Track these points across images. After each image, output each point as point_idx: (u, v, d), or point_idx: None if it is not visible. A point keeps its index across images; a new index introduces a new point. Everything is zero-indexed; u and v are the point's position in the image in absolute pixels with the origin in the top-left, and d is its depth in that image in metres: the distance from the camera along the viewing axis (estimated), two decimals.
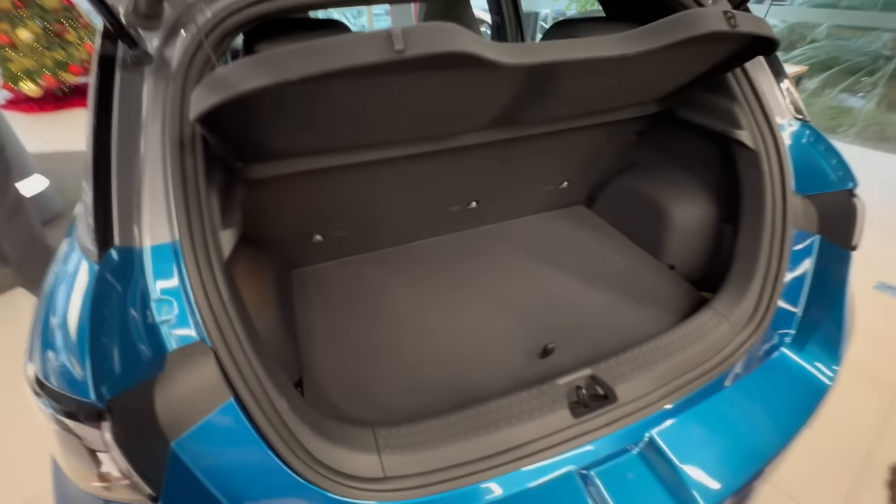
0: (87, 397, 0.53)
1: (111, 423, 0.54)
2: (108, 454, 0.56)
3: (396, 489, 0.72)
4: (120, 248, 0.61)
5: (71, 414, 0.55)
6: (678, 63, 0.94)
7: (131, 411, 0.56)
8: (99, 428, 0.55)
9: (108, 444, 0.55)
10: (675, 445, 0.83)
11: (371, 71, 0.57)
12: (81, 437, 0.56)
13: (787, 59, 8.90)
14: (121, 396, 0.55)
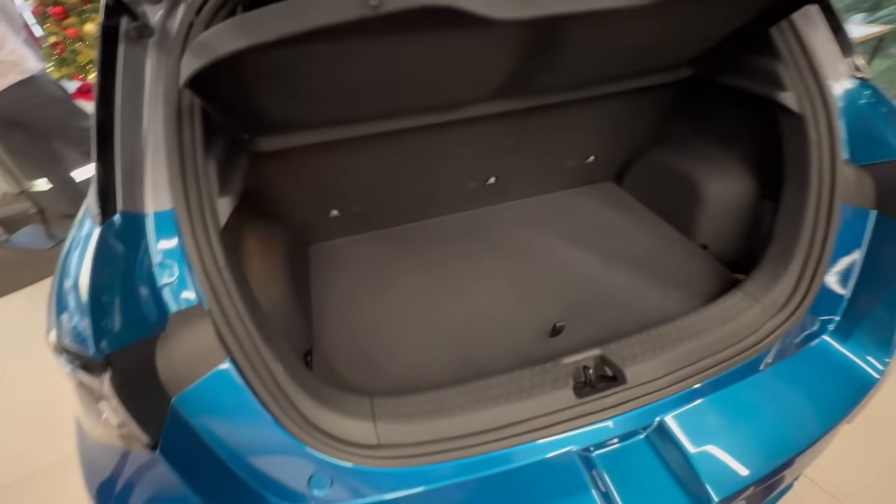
0: (88, 351, 0.57)
1: (110, 375, 0.58)
2: (107, 403, 0.60)
3: (389, 456, 0.73)
4: (124, 213, 0.64)
5: (78, 368, 0.60)
6: (705, 16, 0.84)
7: (132, 365, 0.59)
8: (100, 379, 0.59)
9: (107, 395, 0.59)
10: (688, 432, 0.78)
11: (351, 32, 0.55)
12: (89, 389, 0.61)
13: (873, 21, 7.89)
14: (121, 351, 0.59)
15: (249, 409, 0.66)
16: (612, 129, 1.34)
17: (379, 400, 0.79)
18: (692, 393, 0.82)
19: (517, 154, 1.29)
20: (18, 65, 2.26)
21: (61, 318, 0.61)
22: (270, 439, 0.68)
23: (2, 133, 2.44)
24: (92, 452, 0.67)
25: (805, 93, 0.91)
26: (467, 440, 0.75)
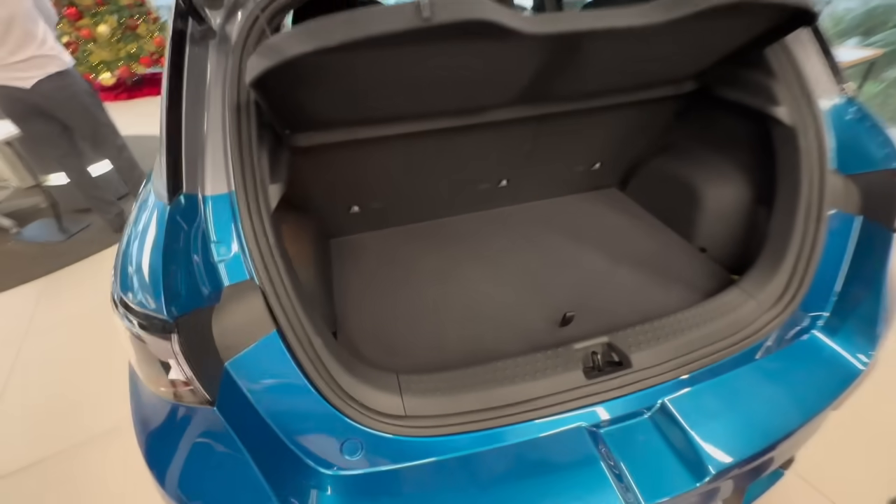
0: (160, 313, 0.64)
1: (178, 337, 0.65)
2: (175, 362, 0.66)
3: (415, 426, 0.79)
4: (187, 195, 0.71)
5: (147, 328, 0.66)
6: (711, 36, 0.93)
7: (193, 330, 0.66)
8: (169, 340, 0.65)
9: (176, 354, 0.65)
10: (688, 413, 0.85)
11: (402, 39, 0.63)
12: (155, 348, 0.67)
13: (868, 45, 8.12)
14: (185, 316, 0.65)
15: (291, 376, 0.73)
16: (619, 137, 1.43)
17: (404, 376, 0.85)
18: (692, 378, 0.89)
19: (529, 158, 1.38)
20: (57, 58, 2.41)
21: (132, 284, 0.67)
22: (309, 405, 0.74)
23: (32, 122, 2.52)
24: (148, 407, 0.73)
25: (796, 107, 1.00)
26: (486, 414, 0.82)
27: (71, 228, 3.13)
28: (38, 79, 2.35)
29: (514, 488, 0.77)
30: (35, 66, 2.34)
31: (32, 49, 2.31)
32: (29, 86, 2.35)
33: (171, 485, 0.69)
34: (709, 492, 0.84)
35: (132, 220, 0.77)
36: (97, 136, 2.73)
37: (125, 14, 5.77)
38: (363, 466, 0.77)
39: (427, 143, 1.17)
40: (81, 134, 2.70)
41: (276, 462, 0.72)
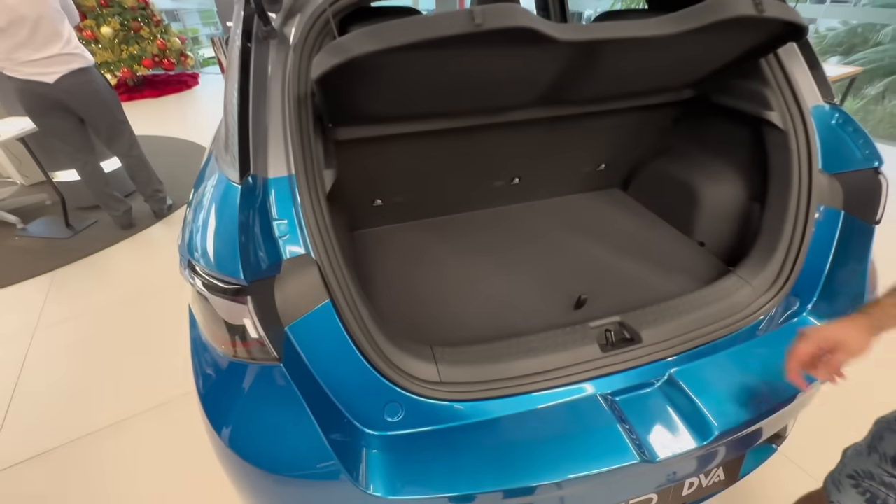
0: (238, 277, 0.71)
1: (252, 300, 0.72)
2: (250, 321, 0.74)
3: (449, 391, 0.87)
4: (253, 176, 0.79)
5: (225, 292, 0.74)
6: (713, 47, 1.04)
7: (261, 295, 0.73)
8: (245, 303, 0.73)
9: (252, 314, 0.73)
10: (692, 384, 0.94)
11: (454, 42, 0.72)
12: (229, 311, 0.74)
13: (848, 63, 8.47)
14: (255, 283, 0.73)
15: (341, 341, 0.80)
16: (622, 140, 1.54)
17: (437, 348, 0.94)
18: (696, 353, 0.99)
19: (540, 158, 1.48)
20: (80, 56, 2.51)
21: (209, 254, 0.74)
22: (356, 369, 0.81)
23: (51, 117, 2.58)
24: (215, 368, 0.80)
25: (788, 112, 1.11)
26: (512, 382, 0.90)
27: (77, 225, 3.16)
28: (62, 74, 2.43)
29: (540, 447, 0.85)
30: (59, 62, 2.42)
31: (58, 47, 2.39)
32: (52, 81, 2.42)
33: (232, 435, 0.76)
34: (711, 453, 0.93)
35: (199, 199, 0.84)
36: (112, 132, 2.80)
37: (128, 16, 5.83)
38: (402, 427, 0.84)
39: (450, 141, 1.26)
40: (97, 129, 2.76)
41: (327, 419, 0.79)
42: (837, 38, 9.03)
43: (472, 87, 1.00)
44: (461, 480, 0.80)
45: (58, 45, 2.39)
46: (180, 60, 6.64)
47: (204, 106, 6.23)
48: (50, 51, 2.37)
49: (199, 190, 0.86)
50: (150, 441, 1.68)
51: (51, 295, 2.54)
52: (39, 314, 2.38)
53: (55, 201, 3.17)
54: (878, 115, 8.40)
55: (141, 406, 1.81)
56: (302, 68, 0.86)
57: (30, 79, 2.39)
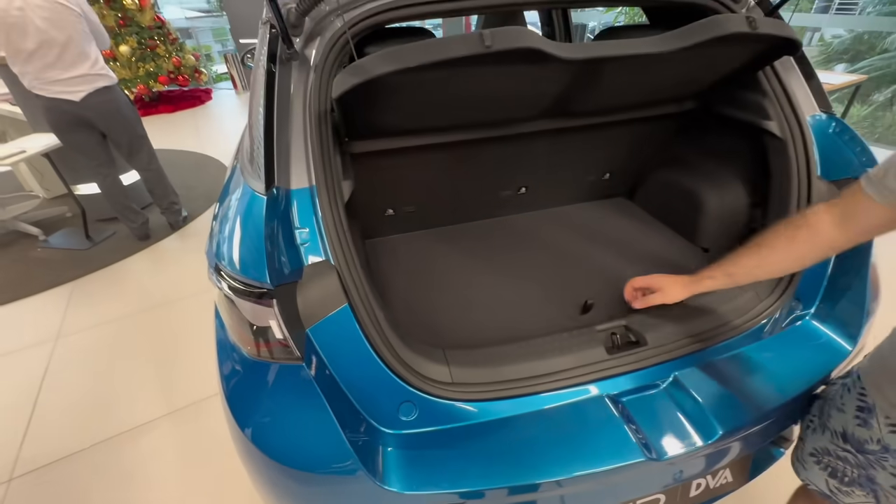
0: (264, 281, 0.76)
1: (277, 302, 0.77)
2: (276, 322, 0.78)
3: (461, 392, 0.91)
4: (277, 188, 0.85)
5: (251, 295, 0.79)
6: (711, 61, 1.09)
7: (285, 298, 0.78)
8: (271, 305, 0.78)
9: (277, 315, 0.77)
10: (697, 385, 0.96)
11: (465, 63, 0.77)
12: (255, 314, 0.79)
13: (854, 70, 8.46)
14: (280, 287, 0.78)
15: (359, 343, 0.85)
16: (626, 150, 1.58)
17: (449, 350, 0.98)
18: (700, 356, 1.02)
19: (547, 168, 1.52)
20: (106, 75, 2.65)
21: (236, 260, 0.80)
22: (372, 369, 0.86)
23: (75, 133, 2.70)
24: (240, 364, 0.85)
25: (786, 122, 1.15)
26: (521, 383, 0.94)
27: (96, 237, 3.26)
28: (87, 92, 2.56)
29: (548, 445, 0.88)
30: (85, 81, 2.55)
31: (85, 68, 2.53)
32: (78, 99, 2.55)
33: (255, 433, 0.81)
34: (716, 453, 0.96)
35: (226, 208, 0.90)
36: (133, 147, 2.91)
37: (145, 35, 6.04)
38: (417, 426, 0.88)
39: (459, 153, 1.31)
40: (118, 144, 2.88)
41: (346, 418, 0.83)
42: (843, 45, 9.04)
43: (481, 103, 1.05)
44: (472, 477, 0.83)
45: (85, 65, 2.52)
46: (194, 77, 6.84)
47: (217, 120, 6.40)
48: (77, 71, 2.50)
49: (226, 201, 0.92)
50: (167, 445, 1.72)
51: (72, 304, 2.62)
52: (61, 323, 2.46)
53: (75, 214, 3.28)
54: (887, 122, 8.37)
55: (158, 412, 1.86)
56: (322, 87, 0.92)
57: (56, 97, 2.51)
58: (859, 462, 0.83)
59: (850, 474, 0.85)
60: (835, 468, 0.88)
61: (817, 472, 0.92)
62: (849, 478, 0.85)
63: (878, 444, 0.79)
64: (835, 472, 0.88)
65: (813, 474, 0.93)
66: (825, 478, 0.90)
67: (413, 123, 1.11)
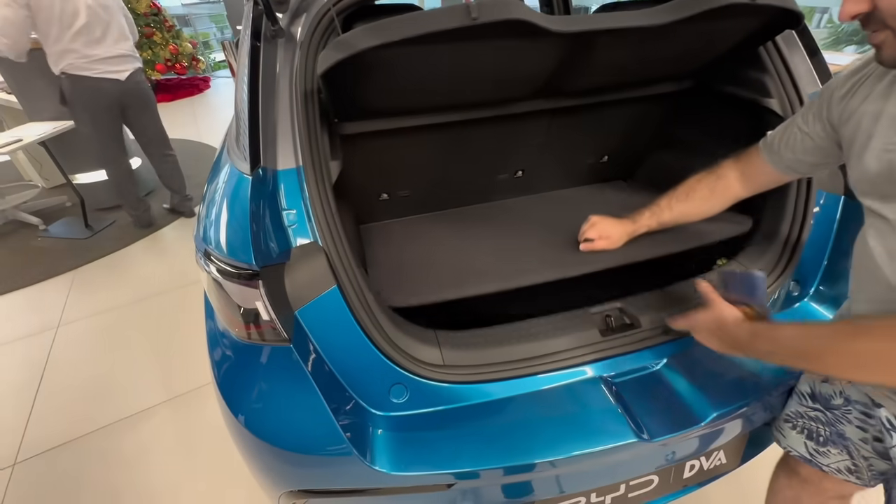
0: (249, 262, 0.75)
1: (263, 283, 0.77)
2: (262, 304, 0.78)
3: (453, 374, 0.90)
4: (264, 168, 0.83)
5: (237, 276, 0.78)
6: (709, 36, 1.05)
7: (272, 280, 0.78)
8: (256, 287, 0.77)
9: (263, 297, 0.77)
10: (690, 367, 0.96)
11: (453, 36, 0.75)
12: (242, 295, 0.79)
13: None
14: (266, 268, 0.77)
15: (348, 325, 0.84)
16: (624, 131, 1.55)
17: (441, 332, 0.97)
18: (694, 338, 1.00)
19: (543, 150, 1.50)
20: (138, 57, 2.74)
21: (222, 241, 0.79)
22: (362, 351, 0.85)
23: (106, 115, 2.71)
24: (228, 350, 0.85)
25: (787, 99, 1.12)
26: (514, 365, 0.93)
27: (96, 226, 3.26)
28: (130, 72, 2.62)
29: (542, 427, 0.88)
30: (128, 61, 2.62)
31: (127, 46, 2.61)
32: (123, 78, 2.60)
33: (246, 415, 0.81)
34: (708, 435, 0.95)
35: (212, 191, 0.89)
36: (156, 133, 2.99)
37: (142, 22, 5.96)
38: (408, 408, 0.88)
39: (453, 134, 1.29)
40: (143, 129, 2.94)
41: (336, 400, 0.83)
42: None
43: (473, 81, 1.03)
44: (464, 458, 0.83)
45: (127, 44, 2.61)
46: (192, 65, 6.77)
47: (215, 109, 6.36)
48: (121, 48, 2.57)
49: (213, 183, 0.91)
50: (167, 431, 1.74)
51: (72, 293, 2.64)
52: (62, 311, 2.48)
53: (75, 203, 3.28)
54: None
55: (158, 398, 1.88)
56: (308, 65, 0.90)
57: (103, 76, 2.53)
58: (829, 419, 0.86)
59: (823, 433, 0.87)
60: (810, 430, 0.90)
61: (795, 436, 0.94)
62: (823, 437, 0.87)
63: (842, 398, 0.83)
64: (811, 433, 0.90)
65: (792, 439, 0.95)
66: (803, 441, 0.92)
67: (404, 103, 1.09)
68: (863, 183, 0.68)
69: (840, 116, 0.73)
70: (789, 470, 1.04)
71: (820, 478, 0.94)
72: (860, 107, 0.68)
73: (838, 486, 0.94)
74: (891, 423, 0.72)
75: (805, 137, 0.82)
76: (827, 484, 0.95)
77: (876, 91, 0.66)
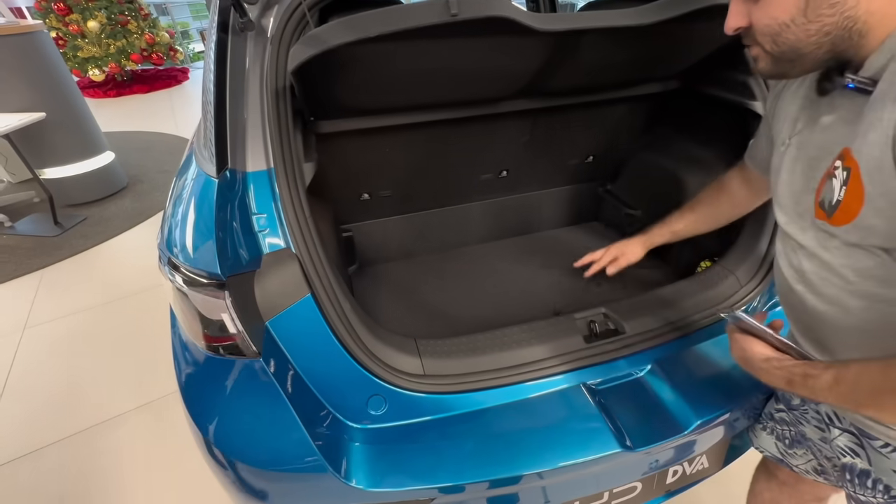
0: (214, 271, 0.71)
1: (229, 293, 0.72)
2: (228, 316, 0.73)
3: (434, 384, 0.87)
4: (231, 170, 0.78)
5: (201, 286, 0.73)
6: (692, 36, 1.03)
7: (240, 289, 0.73)
8: (222, 297, 0.72)
9: (229, 308, 0.72)
10: (675, 374, 0.94)
11: (431, 33, 0.71)
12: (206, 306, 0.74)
13: None
14: (233, 277, 0.72)
15: (323, 335, 0.80)
16: (609, 131, 1.54)
17: (421, 340, 0.93)
18: (679, 343, 0.99)
19: (527, 150, 1.47)
20: None
21: (186, 247, 0.74)
22: (338, 362, 0.81)
23: None
24: (194, 364, 0.80)
25: None
26: (496, 374, 0.90)
27: (65, 223, 3.13)
28: None
29: (524, 438, 0.86)
30: None
31: None
32: None
33: (215, 431, 0.76)
34: (693, 441, 0.95)
35: (178, 193, 0.83)
36: None
37: (115, 10, 5.74)
38: (386, 420, 0.85)
39: (436, 134, 1.25)
40: None
41: (310, 413, 0.79)
42: None
43: (455, 79, 0.99)
44: (445, 472, 0.80)
45: None
46: (169, 55, 6.56)
47: (194, 101, 6.16)
48: None
49: (177, 186, 0.85)
50: (140, 438, 1.67)
51: (40, 293, 2.52)
52: (28, 313, 2.37)
53: (43, 199, 3.13)
54: None
55: (131, 403, 1.80)
56: (280, 61, 0.85)
57: None
58: (792, 420, 0.86)
59: (789, 434, 0.88)
60: (779, 432, 0.91)
61: (765, 437, 0.94)
62: (789, 438, 0.88)
63: (799, 398, 0.83)
64: (779, 435, 0.91)
65: (763, 441, 0.95)
66: (774, 442, 0.93)
67: (383, 101, 1.05)
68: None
69: (773, 114, 0.74)
70: (768, 473, 1.04)
71: (795, 479, 0.94)
72: (783, 105, 0.70)
73: (814, 488, 0.94)
74: (829, 418, 0.73)
75: (766, 138, 0.81)
76: (803, 486, 0.95)
77: (792, 89, 0.68)
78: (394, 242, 1.46)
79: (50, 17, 5.53)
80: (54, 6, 5.44)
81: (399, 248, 1.43)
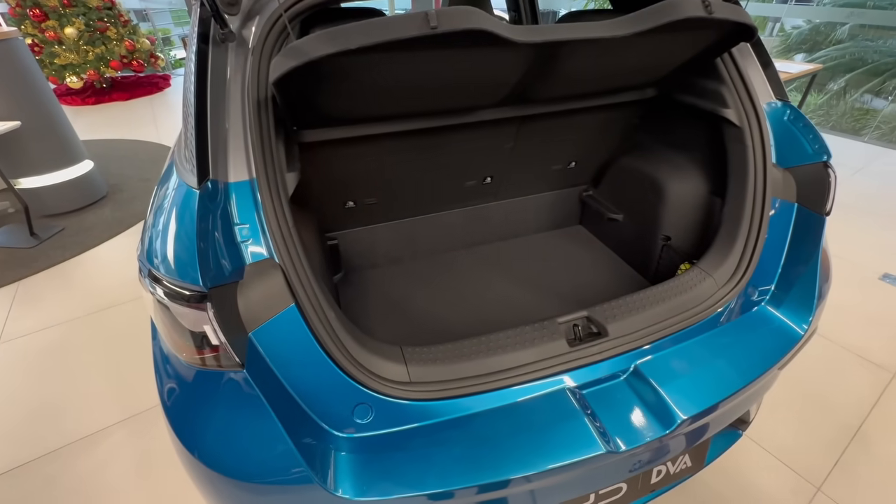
0: (196, 284, 0.70)
1: (212, 305, 0.71)
2: (211, 328, 0.73)
3: (420, 391, 0.87)
4: (213, 181, 0.78)
5: (183, 298, 0.72)
6: (668, 47, 1.07)
7: (222, 301, 0.73)
8: (204, 309, 0.72)
9: (212, 320, 0.72)
10: (657, 374, 0.96)
11: (411, 45, 0.72)
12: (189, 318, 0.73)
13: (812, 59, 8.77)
14: (216, 288, 0.72)
15: (308, 345, 0.80)
16: (591, 138, 1.57)
17: (407, 348, 0.94)
18: (660, 344, 1.02)
19: (512, 157, 1.49)
20: None
21: (168, 259, 0.73)
22: (323, 372, 0.81)
23: None
24: (176, 377, 0.79)
25: (743, 110, 1.15)
26: (482, 379, 0.91)
27: (42, 234, 3.05)
28: None
29: (510, 442, 0.86)
30: None
31: None
32: None
33: (198, 445, 0.75)
34: (676, 441, 0.97)
35: (158, 203, 0.83)
36: None
37: (94, 16, 5.64)
38: (373, 428, 0.85)
39: (420, 142, 1.26)
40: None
41: (295, 424, 0.79)
42: (801, 35, 9.36)
43: (437, 88, 1.00)
44: (432, 478, 0.81)
45: None
46: (150, 62, 6.46)
47: (176, 108, 6.07)
48: None
49: (158, 196, 0.85)
50: (123, 454, 1.63)
51: (15, 306, 2.45)
52: (3, 326, 2.30)
53: (18, 209, 3.05)
54: (841, 110, 8.75)
55: (114, 417, 1.76)
56: (261, 71, 0.85)
57: None
58: None
59: None
60: None
61: None
62: None
63: None
64: None
65: None
66: None
67: (365, 111, 1.06)
68: None
69: None
70: None
71: None
72: None
73: None
74: None
75: None
76: None
77: None
78: (379, 249, 1.46)
79: (25, 24, 5.42)
80: (30, 12, 5.33)
81: (385, 255, 1.43)
